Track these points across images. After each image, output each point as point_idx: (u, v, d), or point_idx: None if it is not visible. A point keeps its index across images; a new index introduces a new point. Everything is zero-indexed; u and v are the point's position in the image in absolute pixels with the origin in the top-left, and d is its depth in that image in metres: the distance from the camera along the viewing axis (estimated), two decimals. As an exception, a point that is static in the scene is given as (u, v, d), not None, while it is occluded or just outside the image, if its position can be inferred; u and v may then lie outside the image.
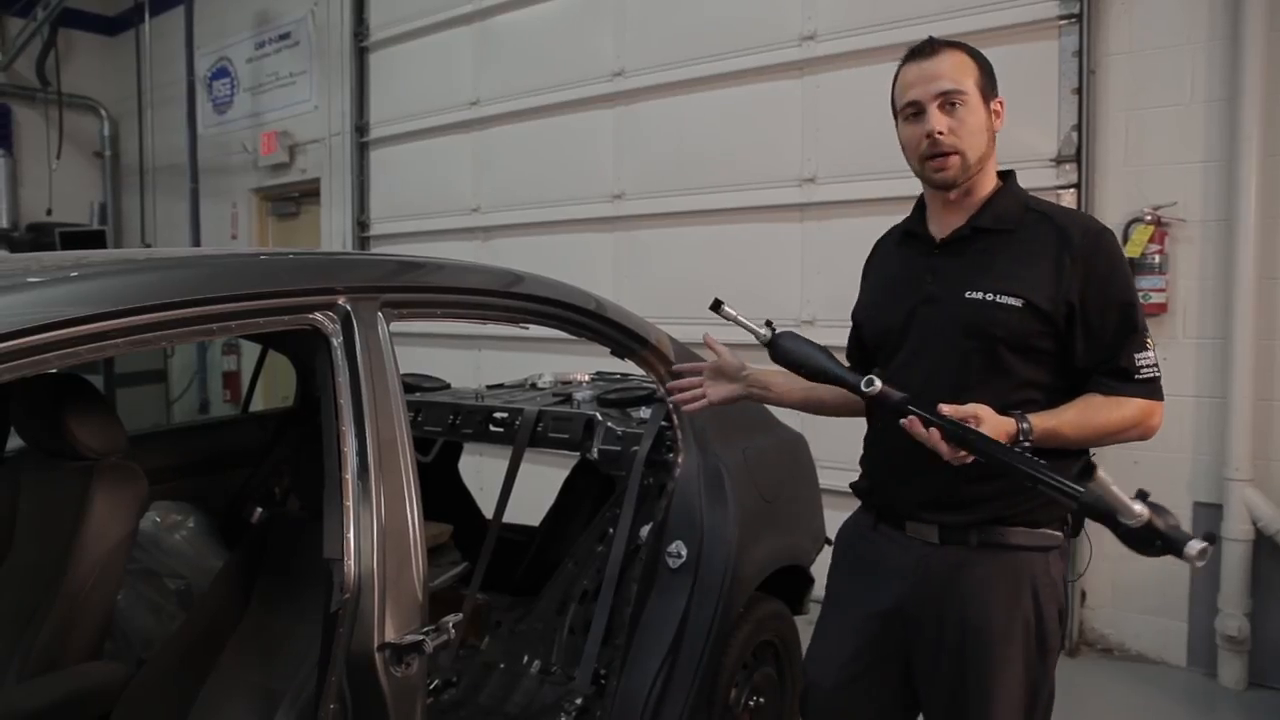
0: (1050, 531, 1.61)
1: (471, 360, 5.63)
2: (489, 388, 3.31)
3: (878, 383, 1.55)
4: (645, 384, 2.77)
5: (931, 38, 1.72)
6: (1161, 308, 3.50)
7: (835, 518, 1.90)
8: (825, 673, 1.78)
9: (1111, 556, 3.68)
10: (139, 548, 2.59)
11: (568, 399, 2.86)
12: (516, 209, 5.56)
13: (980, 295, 1.61)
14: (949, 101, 1.64)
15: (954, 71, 1.65)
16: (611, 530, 2.39)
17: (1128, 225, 3.54)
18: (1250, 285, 3.33)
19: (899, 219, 1.79)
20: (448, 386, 3.28)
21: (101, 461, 2.01)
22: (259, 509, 2.77)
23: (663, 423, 2.38)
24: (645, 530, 2.25)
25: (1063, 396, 1.59)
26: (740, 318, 1.78)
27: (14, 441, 2.26)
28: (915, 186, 4.30)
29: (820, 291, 4.24)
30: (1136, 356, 1.57)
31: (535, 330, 2.17)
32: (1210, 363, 3.46)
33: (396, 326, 1.59)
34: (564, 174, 5.28)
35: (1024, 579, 1.60)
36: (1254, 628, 3.35)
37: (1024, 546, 1.60)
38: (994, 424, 1.47)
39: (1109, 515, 1.40)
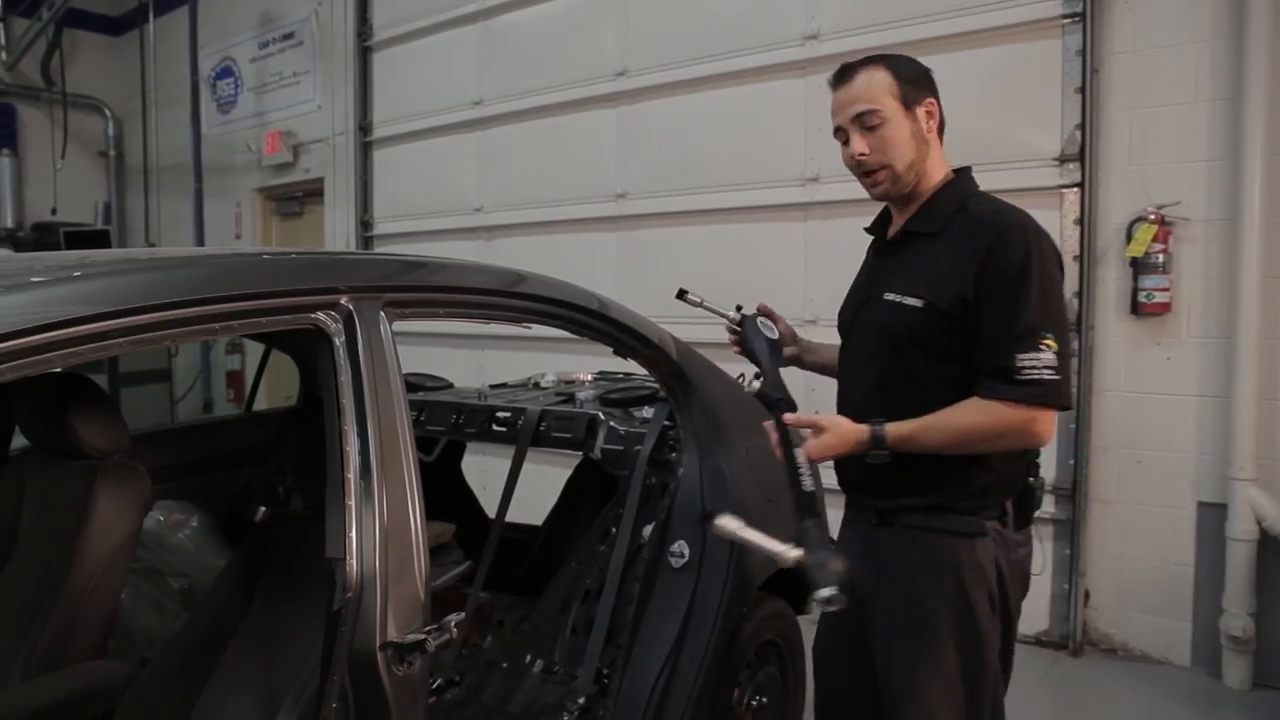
0: (976, 519, 1.64)
1: (475, 360, 5.63)
2: (492, 387, 3.31)
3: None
4: (648, 383, 2.77)
5: (845, 64, 1.78)
6: (1165, 307, 3.50)
7: (838, 517, 1.90)
8: (815, 651, 1.94)
9: (1115, 556, 3.68)
10: (143, 546, 2.60)
11: (570, 398, 2.86)
12: (519, 209, 5.57)
13: (893, 297, 1.69)
14: (866, 124, 1.70)
15: (868, 92, 1.70)
16: (614, 530, 2.39)
17: (1131, 224, 3.54)
18: (1255, 284, 3.32)
19: None
20: (451, 386, 3.29)
21: (105, 461, 2.02)
22: (262, 508, 2.78)
23: (665, 422, 2.38)
24: (648, 530, 2.25)
25: None
26: (706, 303, 1.88)
27: (18, 440, 2.27)
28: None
29: (823, 291, 4.24)
30: (1020, 357, 1.54)
31: (539, 330, 2.17)
32: (1214, 362, 3.45)
33: (400, 326, 1.59)
34: (567, 174, 5.28)
35: (945, 563, 1.64)
36: (1259, 628, 3.34)
37: (947, 531, 1.65)
38: (839, 432, 1.61)
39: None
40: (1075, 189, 3.68)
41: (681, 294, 1.90)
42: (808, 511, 1.58)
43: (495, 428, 2.76)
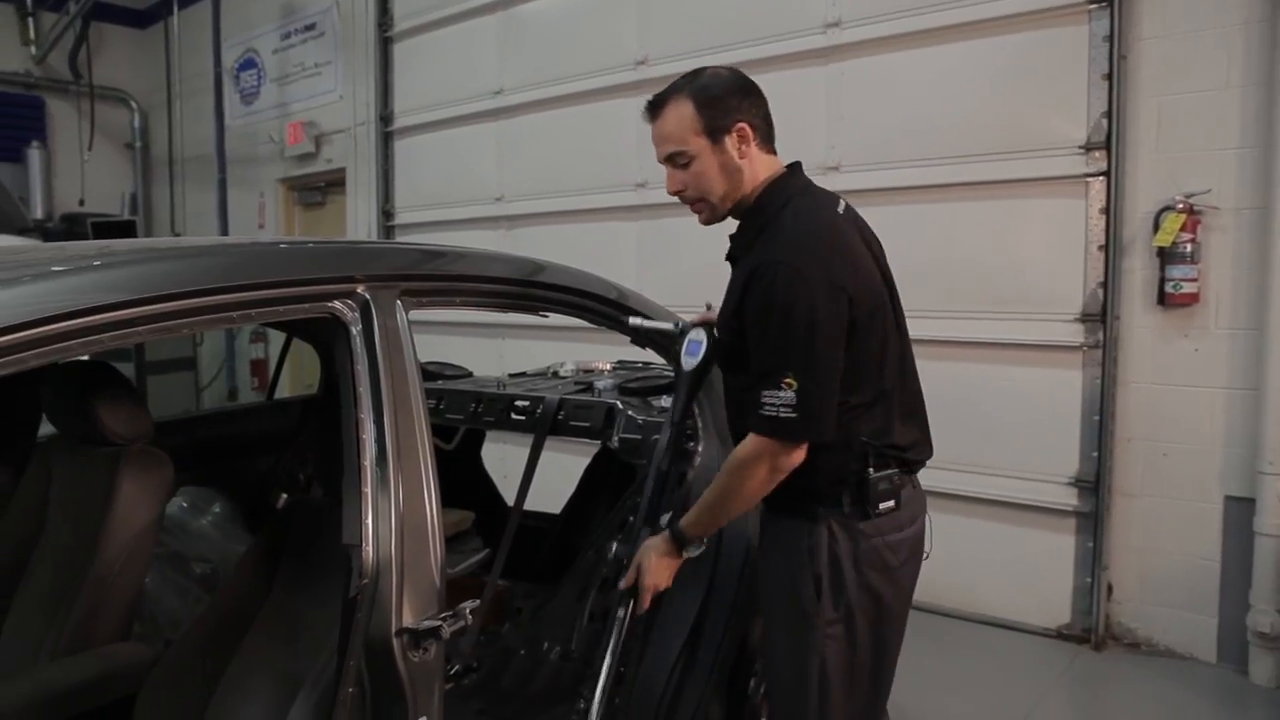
0: (811, 508, 1.72)
1: (495, 349, 5.65)
2: (511, 376, 3.31)
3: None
4: (666, 372, 2.76)
5: (651, 100, 1.79)
6: (1193, 298, 3.45)
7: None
8: None
9: (1139, 550, 3.64)
10: (166, 532, 2.63)
11: (589, 387, 2.85)
12: (540, 198, 5.57)
13: (723, 311, 1.80)
14: (676, 163, 1.75)
15: (675, 129, 1.73)
16: (632, 519, 2.38)
17: (1159, 213, 3.48)
18: (1285, 274, 3.26)
19: (924, 207, 1.81)
20: (470, 375, 3.29)
21: (129, 448, 2.04)
22: (284, 495, 2.80)
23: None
24: (665, 519, 2.25)
25: None
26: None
27: (45, 428, 2.30)
28: (940, 175, 4.25)
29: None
30: (764, 394, 1.60)
31: (560, 319, 2.18)
32: (1243, 354, 3.40)
33: (420, 315, 1.60)
34: (588, 162, 5.27)
35: (779, 547, 1.79)
36: (1286, 623, 3.30)
37: (780, 518, 1.78)
38: (652, 559, 1.81)
39: None
40: (1101, 178, 3.63)
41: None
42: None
43: (514, 416, 2.77)
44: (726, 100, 1.72)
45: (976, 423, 3.91)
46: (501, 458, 3.89)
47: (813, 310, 1.58)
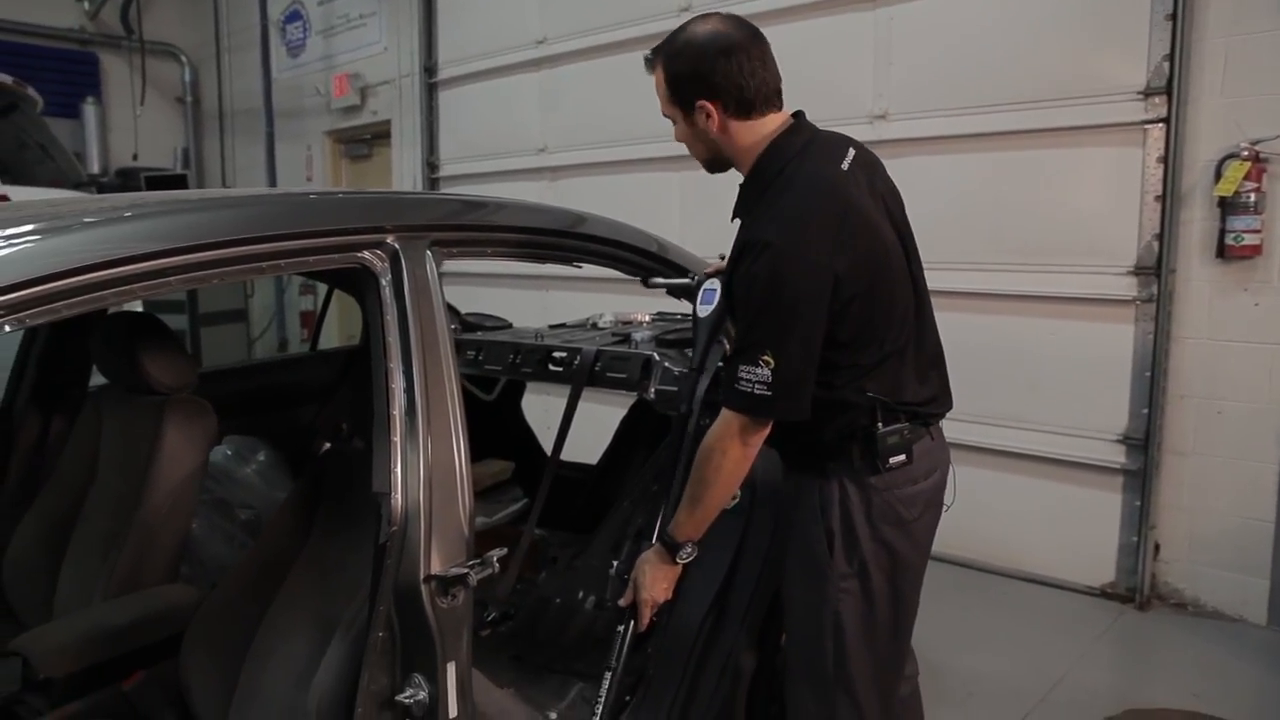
0: (820, 464, 1.73)
1: (539, 300, 5.67)
2: (551, 327, 3.32)
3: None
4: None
5: (646, 54, 1.77)
6: (1255, 250, 3.31)
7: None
8: None
9: (1188, 509, 3.56)
10: (212, 479, 2.71)
11: (627, 339, 2.85)
12: (583, 148, 5.53)
13: (725, 275, 1.80)
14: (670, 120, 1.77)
15: (658, 91, 1.74)
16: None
17: (1221, 161, 3.34)
18: (1355, 225, 3.12)
19: (973, 156, 1.75)
20: (509, 326, 3.31)
21: (173, 397, 2.09)
22: (327, 444, 2.85)
23: (720, 364, 2.36)
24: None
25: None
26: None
27: (96, 378, 2.37)
28: (991, 123, 4.13)
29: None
30: (741, 369, 1.60)
31: (602, 271, 2.18)
32: (1307, 308, 3.27)
33: (463, 267, 1.61)
34: (631, 112, 5.18)
35: (794, 500, 1.80)
36: (1341, 585, 3.22)
37: (800, 470, 1.79)
38: (646, 571, 1.80)
39: None
40: (1160, 124, 3.48)
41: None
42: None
43: (551, 367, 2.77)
44: (694, 72, 1.66)
45: (1023, 378, 3.84)
46: (545, 409, 3.91)
47: (795, 291, 1.57)
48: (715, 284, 1.95)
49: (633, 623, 1.84)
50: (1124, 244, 3.59)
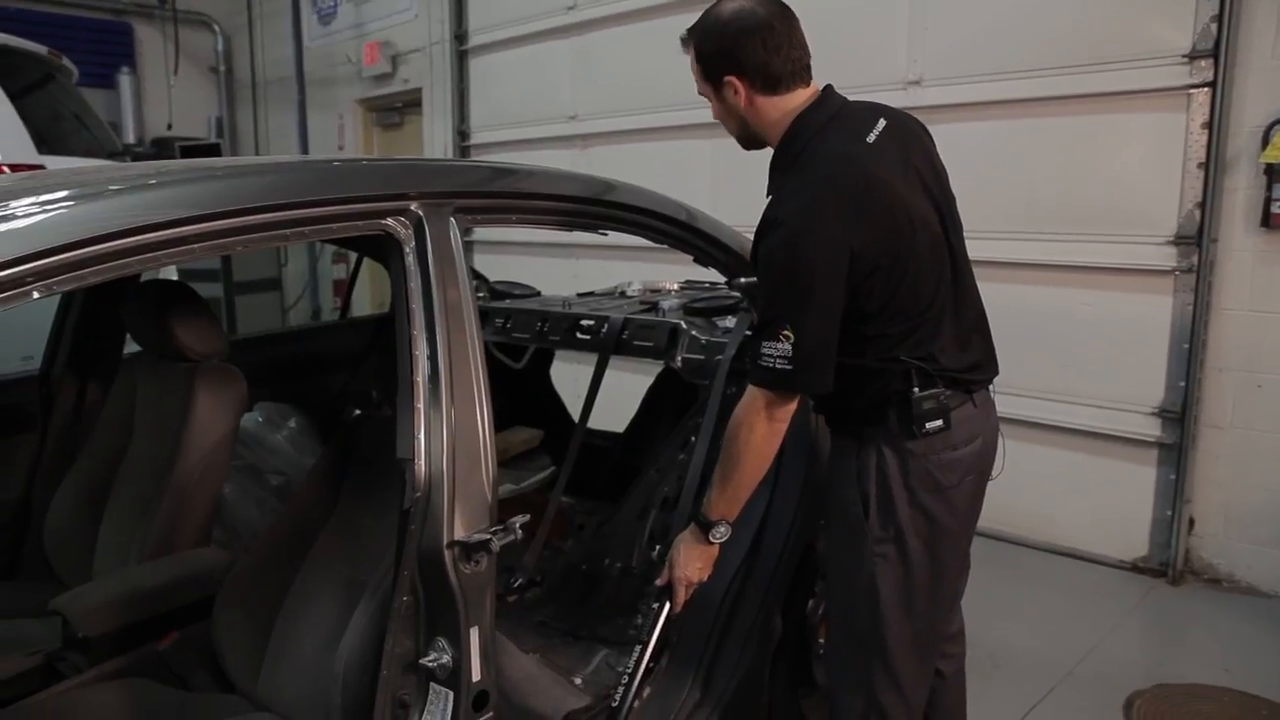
0: (858, 428, 1.75)
1: (570, 269, 5.66)
2: (579, 295, 3.32)
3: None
4: (733, 293, 2.72)
5: (681, 36, 1.80)
6: (1305, 220, 3.22)
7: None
8: None
9: (1225, 484, 3.50)
10: (244, 445, 2.75)
11: (654, 307, 2.84)
12: (615, 116, 5.49)
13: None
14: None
15: (695, 71, 1.77)
16: (693, 439, 2.39)
17: (1270, 127, 3.24)
18: (1407, 193, 3.01)
19: (1010, 123, 1.72)
20: (537, 294, 3.31)
21: (204, 363, 2.12)
22: (357, 411, 2.89)
23: (747, 332, 2.34)
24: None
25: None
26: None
27: (131, 346, 2.41)
28: (1029, 88, 4.02)
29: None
30: (764, 344, 1.62)
31: (632, 239, 2.16)
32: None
33: (493, 235, 1.61)
34: (663, 79, 5.12)
35: (833, 463, 1.84)
36: (1382, 563, 3.15)
37: (838, 434, 1.82)
38: (684, 550, 1.80)
39: None
40: (1205, 89, 3.38)
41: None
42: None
43: (578, 336, 2.78)
44: (721, 49, 1.70)
45: (1056, 349, 3.78)
46: (575, 378, 3.92)
47: (812, 269, 1.58)
48: None
49: (669, 604, 1.85)
50: (1164, 213, 3.50)
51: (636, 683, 1.86)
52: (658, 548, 2.40)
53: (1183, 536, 3.55)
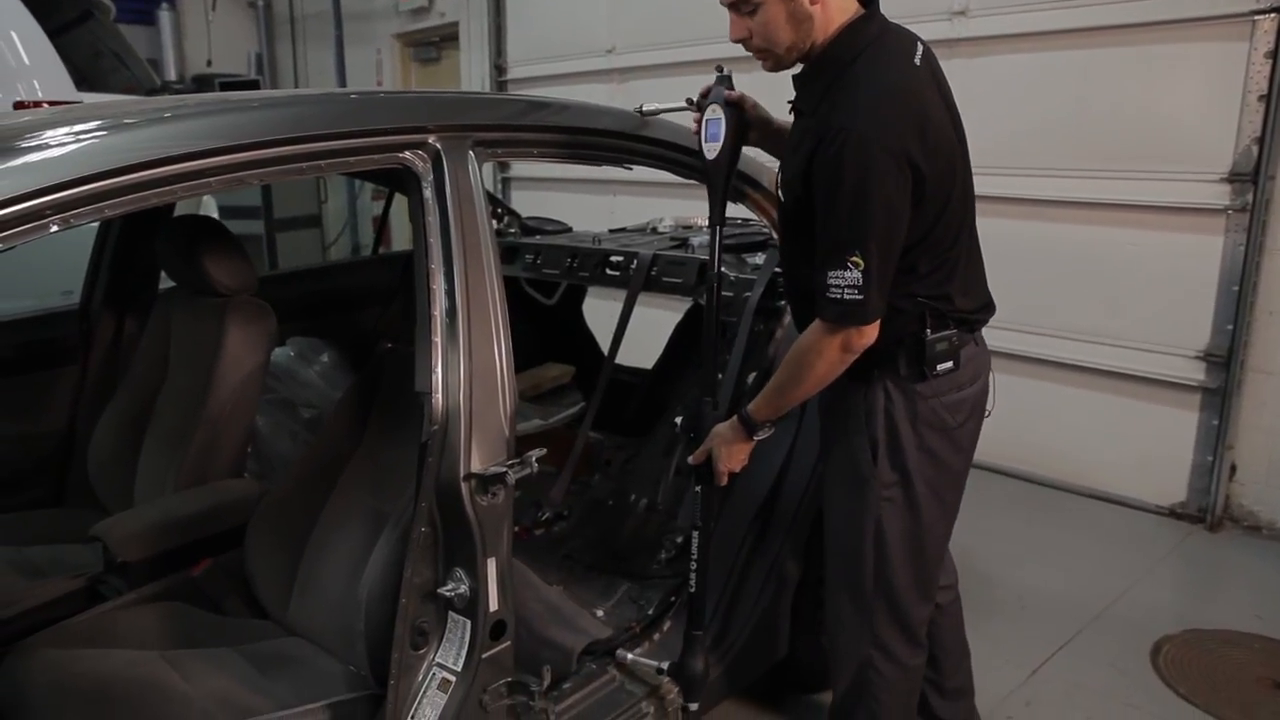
0: (869, 369, 1.67)
1: (606, 205, 5.62)
2: (610, 231, 3.30)
3: None
4: (762, 230, 2.68)
5: None
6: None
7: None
8: None
9: (1270, 430, 3.42)
10: (276, 379, 2.80)
11: (684, 244, 2.82)
12: (652, 49, 5.38)
13: (781, 181, 1.74)
14: (741, 10, 1.63)
15: None
16: (720, 376, 2.38)
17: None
18: None
19: (1059, 55, 1.64)
20: (569, 230, 3.29)
21: (235, 298, 2.15)
22: (389, 345, 2.91)
23: (775, 269, 2.31)
24: (753, 378, 2.23)
25: None
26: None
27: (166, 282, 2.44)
28: (1081, 17, 3.85)
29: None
30: (830, 274, 1.53)
31: (667, 175, 2.13)
32: None
33: (529, 170, 1.59)
34: (701, 10, 4.99)
35: (837, 407, 1.78)
36: None
37: (849, 376, 1.68)
38: (724, 439, 1.78)
39: None
40: (1271, 15, 3.20)
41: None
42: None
43: (608, 272, 2.77)
44: None
45: (1099, 290, 3.67)
46: (612, 314, 3.91)
47: (883, 184, 1.49)
48: (719, 113, 1.84)
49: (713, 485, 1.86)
50: (1219, 148, 3.36)
51: (704, 569, 1.89)
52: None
53: (1223, 483, 3.49)
